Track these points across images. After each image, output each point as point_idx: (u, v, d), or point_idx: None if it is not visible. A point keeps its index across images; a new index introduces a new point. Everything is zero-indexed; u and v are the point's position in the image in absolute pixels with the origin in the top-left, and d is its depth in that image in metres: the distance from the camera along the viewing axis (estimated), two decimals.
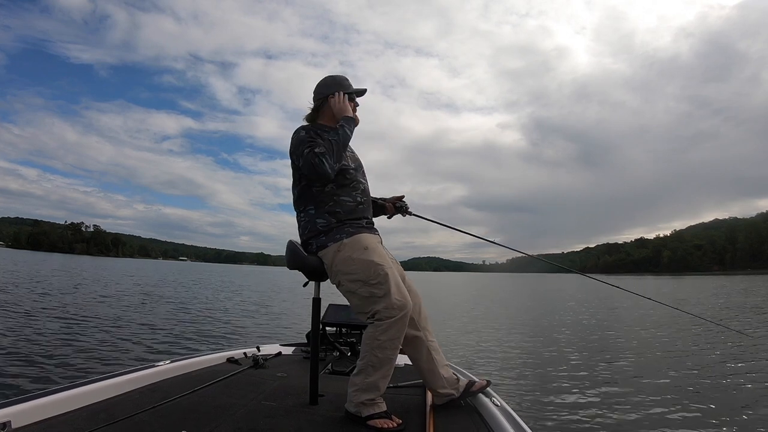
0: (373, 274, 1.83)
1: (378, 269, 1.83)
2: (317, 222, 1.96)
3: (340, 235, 1.92)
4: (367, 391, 1.79)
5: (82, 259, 77.00)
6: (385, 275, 1.82)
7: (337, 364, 2.86)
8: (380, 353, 1.79)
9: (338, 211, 1.96)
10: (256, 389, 2.20)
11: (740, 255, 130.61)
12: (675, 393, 4.91)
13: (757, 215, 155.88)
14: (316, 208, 1.98)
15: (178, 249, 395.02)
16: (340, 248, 1.90)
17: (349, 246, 1.90)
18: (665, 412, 4.29)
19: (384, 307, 1.78)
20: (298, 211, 2.05)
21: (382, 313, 1.78)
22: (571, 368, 6.25)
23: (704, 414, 4.21)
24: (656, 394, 4.85)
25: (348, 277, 1.87)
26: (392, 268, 1.90)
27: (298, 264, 1.97)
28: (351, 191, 2.01)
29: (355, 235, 1.93)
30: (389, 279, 1.82)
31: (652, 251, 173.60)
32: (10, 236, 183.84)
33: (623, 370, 6.13)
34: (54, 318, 8.61)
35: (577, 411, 4.34)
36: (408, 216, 2.40)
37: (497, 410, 1.83)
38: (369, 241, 1.94)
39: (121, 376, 2.11)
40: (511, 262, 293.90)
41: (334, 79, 2.11)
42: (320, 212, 1.97)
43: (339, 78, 2.12)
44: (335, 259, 1.90)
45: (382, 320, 1.78)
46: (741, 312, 14.38)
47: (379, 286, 1.81)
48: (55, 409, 1.70)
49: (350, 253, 1.88)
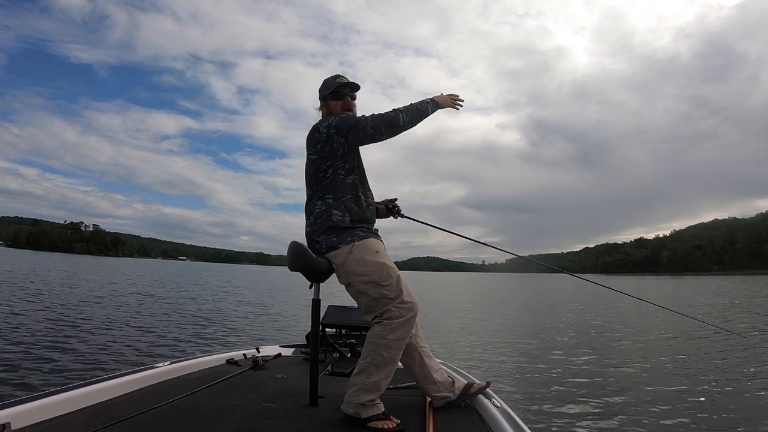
0: (386, 276, 1.86)
1: (390, 271, 1.88)
2: (333, 213, 1.96)
3: (351, 237, 1.94)
4: (368, 391, 1.79)
5: (82, 259, 76.98)
6: (398, 277, 1.88)
7: (336, 366, 2.86)
8: (386, 352, 1.80)
9: (354, 208, 1.98)
10: (255, 391, 2.20)
11: (740, 255, 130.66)
12: (675, 392, 4.92)
13: (756, 215, 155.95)
14: (335, 197, 1.98)
15: (177, 249, 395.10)
16: (352, 250, 1.92)
17: (361, 248, 1.92)
18: (665, 412, 4.29)
19: (395, 306, 1.82)
20: (315, 200, 2.02)
21: (392, 312, 1.82)
22: (571, 369, 6.25)
23: (704, 413, 4.21)
24: (656, 394, 4.86)
25: (360, 279, 1.89)
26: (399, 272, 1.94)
27: (304, 265, 1.95)
28: (366, 191, 2.07)
29: (366, 239, 1.96)
30: (401, 281, 1.88)
31: (652, 251, 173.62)
32: (10, 236, 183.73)
33: (623, 370, 6.14)
34: (53, 319, 8.61)
35: (577, 412, 4.35)
36: (400, 218, 2.40)
37: (497, 411, 1.84)
38: (379, 245, 1.98)
39: (120, 377, 2.10)
40: (511, 262, 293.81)
41: (324, 84, 2.15)
42: (338, 203, 1.97)
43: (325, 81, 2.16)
44: (347, 260, 1.91)
45: (392, 319, 1.81)
46: (737, 312, 14.40)
47: (390, 288, 1.85)
48: (55, 410, 1.70)
49: (362, 255, 1.90)
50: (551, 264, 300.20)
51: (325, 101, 2.11)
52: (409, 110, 1.96)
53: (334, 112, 2.08)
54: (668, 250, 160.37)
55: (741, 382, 5.39)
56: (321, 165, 2.00)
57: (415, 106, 2.00)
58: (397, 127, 1.94)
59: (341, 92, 2.09)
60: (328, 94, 2.10)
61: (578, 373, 6.02)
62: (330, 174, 2.00)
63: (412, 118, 1.96)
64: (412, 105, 2.00)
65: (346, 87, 2.10)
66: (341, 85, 2.09)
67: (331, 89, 2.09)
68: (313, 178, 2.03)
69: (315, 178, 2.02)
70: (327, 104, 2.11)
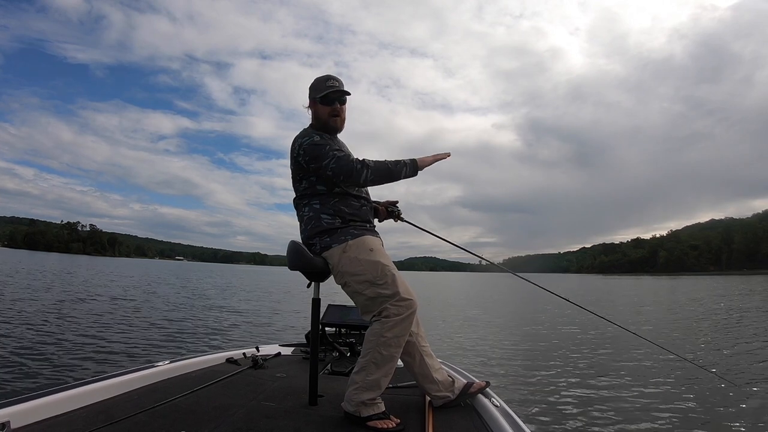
0: (381, 275, 1.84)
1: (385, 270, 1.85)
2: (322, 218, 1.95)
3: (344, 236, 1.93)
4: (368, 389, 1.79)
5: (79, 259, 76.69)
6: (393, 275, 1.85)
7: (336, 365, 2.86)
8: (385, 350, 1.79)
9: (344, 210, 1.97)
10: (255, 390, 2.20)
11: (736, 255, 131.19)
12: (674, 392, 4.93)
13: (752, 216, 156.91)
14: (321, 202, 1.98)
15: (174, 249, 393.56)
16: (345, 249, 1.90)
17: (355, 247, 1.90)
18: (664, 411, 4.31)
19: (392, 304, 1.80)
20: (302, 207, 2.03)
21: (390, 310, 1.80)
22: (571, 368, 6.27)
23: (705, 415, 4.23)
24: (655, 394, 4.87)
25: (355, 278, 1.87)
26: (396, 269, 1.92)
27: (303, 265, 1.95)
28: (356, 193, 2.02)
29: (360, 237, 1.93)
30: (396, 279, 1.84)
31: (649, 251, 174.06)
32: (7, 236, 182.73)
33: (623, 370, 6.15)
34: (52, 318, 8.58)
35: (577, 411, 4.35)
36: (399, 221, 2.37)
37: (496, 411, 1.84)
38: (374, 242, 1.95)
39: (120, 376, 2.10)
40: (508, 262, 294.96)
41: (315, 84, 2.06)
42: (325, 208, 1.96)
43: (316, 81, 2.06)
44: (341, 260, 1.90)
45: (389, 317, 1.79)
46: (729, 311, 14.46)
47: (386, 286, 1.82)
48: (55, 409, 1.70)
49: (356, 254, 1.89)
50: (550, 265, 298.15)
51: (315, 103, 2.05)
52: (378, 169, 1.90)
53: (321, 116, 2.03)
54: (665, 251, 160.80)
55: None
56: (298, 175, 2.02)
57: (388, 165, 1.92)
58: (356, 182, 1.91)
59: (330, 98, 2.02)
60: (318, 97, 2.02)
61: (578, 372, 6.03)
62: (311, 183, 2.00)
63: (377, 177, 1.91)
64: (385, 163, 1.93)
65: (336, 94, 2.03)
66: (332, 92, 2.02)
67: (321, 93, 2.01)
68: (298, 184, 2.04)
69: (299, 185, 2.03)
70: (315, 106, 2.05)
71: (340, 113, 2.05)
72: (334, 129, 2.05)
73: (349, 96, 2.08)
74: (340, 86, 2.04)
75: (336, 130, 2.07)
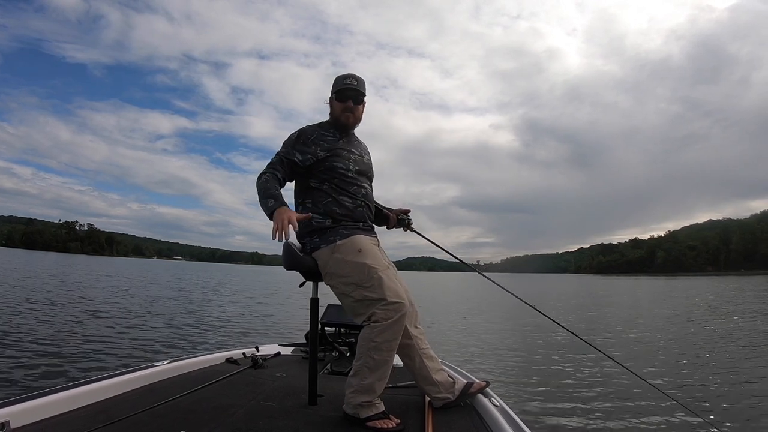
0: (366, 277, 1.80)
1: (371, 272, 1.81)
2: (313, 218, 1.96)
3: (333, 236, 1.92)
4: (364, 393, 1.78)
5: (77, 258, 76.48)
6: (379, 278, 1.79)
7: (336, 365, 2.86)
8: (376, 355, 1.78)
9: (335, 210, 1.97)
10: (254, 389, 2.19)
11: (734, 256, 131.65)
12: (673, 392, 4.93)
13: (750, 216, 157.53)
14: (314, 203, 1.99)
15: (172, 248, 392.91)
16: (333, 250, 1.90)
17: (343, 248, 1.89)
18: (664, 411, 4.31)
19: (379, 308, 1.77)
20: (296, 206, 2.06)
21: (378, 315, 1.77)
22: (571, 368, 6.26)
23: (705, 415, 4.24)
24: (656, 393, 4.87)
25: (341, 280, 1.86)
26: (388, 269, 1.89)
27: (294, 265, 1.96)
28: (351, 194, 2.01)
29: (349, 237, 1.92)
30: (383, 282, 1.78)
31: (647, 252, 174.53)
32: (4, 235, 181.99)
33: (622, 370, 6.15)
34: (51, 318, 8.54)
35: (577, 411, 4.35)
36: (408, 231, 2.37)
37: (496, 410, 1.84)
38: (363, 243, 1.92)
39: (119, 376, 2.10)
40: (506, 262, 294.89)
41: (335, 80, 2.11)
42: (316, 208, 1.97)
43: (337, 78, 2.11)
44: (329, 261, 1.90)
45: (378, 321, 1.76)
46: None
47: (372, 289, 1.79)
48: (54, 409, 1.70)
49: (343, 256, 1.87)
50: (548, 265, 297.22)
51: (332, 98, 2.10)
52: (259, 186, 1.90)
53: (335, 111, 2.09)
54: (663, 251, 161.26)
55: None
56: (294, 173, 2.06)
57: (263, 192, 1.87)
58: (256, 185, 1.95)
59: (345, 95, 2.06)
60: (334, 93, 2.08)
61: (578, 372, 6.03)
62: (305, 181, 2.03)
63: (257, 189, 1.91)
64: (265, 187, 1.88)
65: (351, 92, 2.06)
66: (346, 89, 2.05)
67: (337, 89, 2.07)
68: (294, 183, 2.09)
69: (294, 184, 2.08)
70: (332, 102, 2.10)
71: (354, 111, 2.08)
72: (344, 125, 2.09)
73: (364, 98, 2.10)
74: (358, 86, 2.07)
75: (347, 126, 2.10)
